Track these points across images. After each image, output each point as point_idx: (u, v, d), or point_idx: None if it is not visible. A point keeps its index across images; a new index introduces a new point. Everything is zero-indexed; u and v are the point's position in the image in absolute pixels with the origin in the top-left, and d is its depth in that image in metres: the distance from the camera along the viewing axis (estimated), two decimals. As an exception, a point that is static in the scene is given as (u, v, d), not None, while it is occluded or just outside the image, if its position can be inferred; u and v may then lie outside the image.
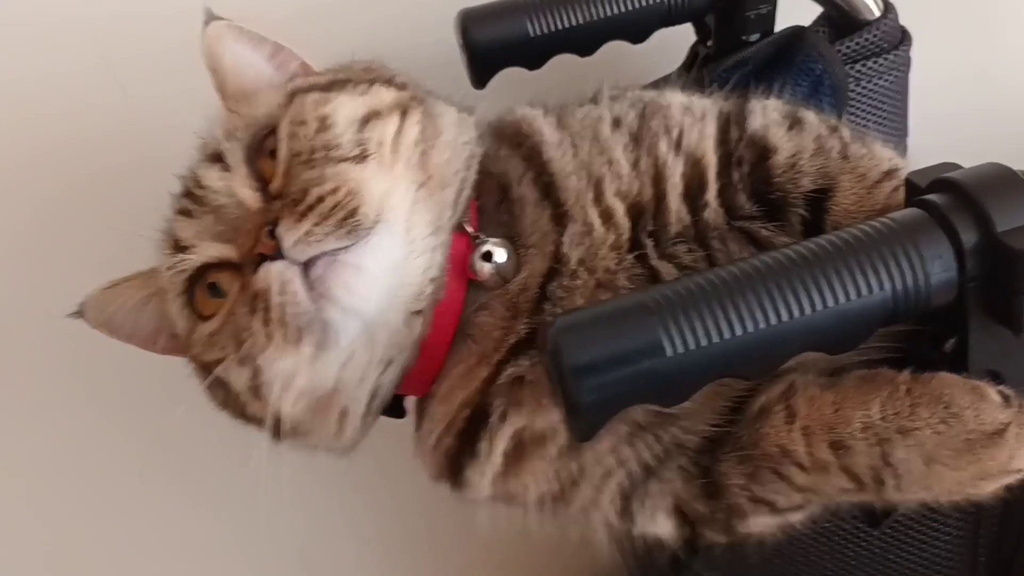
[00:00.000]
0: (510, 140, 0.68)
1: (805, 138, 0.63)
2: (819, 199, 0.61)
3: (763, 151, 0.62)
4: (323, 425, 0.63)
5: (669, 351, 0.49)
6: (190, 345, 0.64)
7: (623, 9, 0.80)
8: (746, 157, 0.62)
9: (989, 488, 0.51)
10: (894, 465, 0.51)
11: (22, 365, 1.07)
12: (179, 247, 0.63)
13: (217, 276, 0.62)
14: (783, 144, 0.62)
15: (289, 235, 0.56)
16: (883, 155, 0.63)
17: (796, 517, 0.60)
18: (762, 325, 0.49)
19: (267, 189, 0.61)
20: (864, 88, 0.88)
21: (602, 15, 0.80)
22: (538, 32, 0.80)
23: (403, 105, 0.65)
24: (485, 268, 0.62)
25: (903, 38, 0.88)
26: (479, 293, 0.63)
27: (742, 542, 0.60)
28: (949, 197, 0.50)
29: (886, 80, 0.89)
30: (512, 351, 0.61)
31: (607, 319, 0.50)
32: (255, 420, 0.64)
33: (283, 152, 0.62)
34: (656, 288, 0.51)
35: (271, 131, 0.63)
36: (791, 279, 0.49)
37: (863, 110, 0.88)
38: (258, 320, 0.57)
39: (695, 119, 0.64)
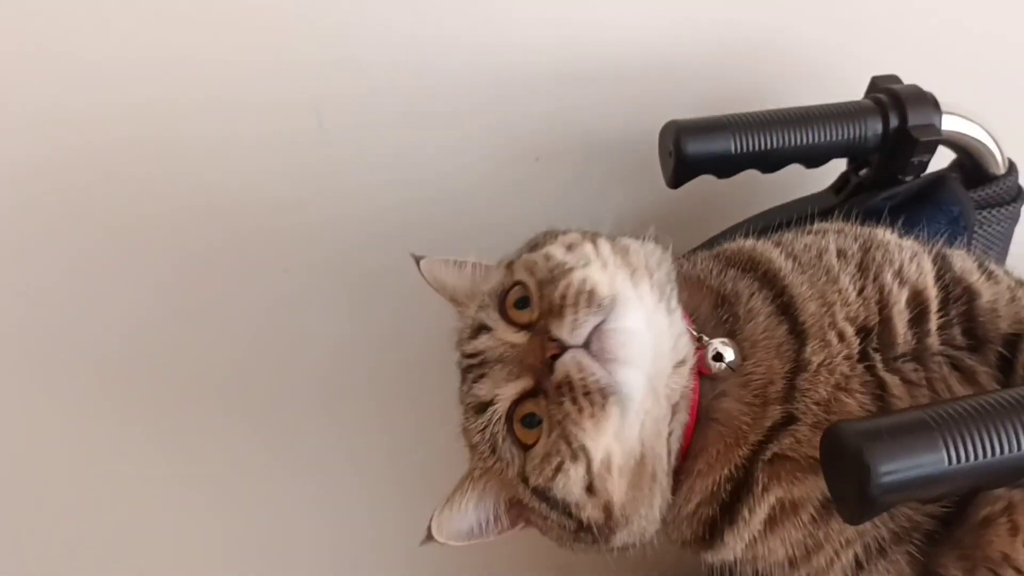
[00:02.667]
0: (741, 265, 0.80)
1: (1001, 287, 0.75)
2: (1014, 341, 0.73)
3: (969, 293, 0.74)
4: (640, 500, 0.72)
5: (947, 462, 0.59)
6: (527, 479, 0.72)
7: (814, 140, 0.92)
8: (961, 297, 0.74)
9: None
10: None
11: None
12: (482, 407, 0.74)
13: (525, 408, 0.72)
14: (984, 289, 0.75)
15: (563, 330, 0.69)
16: None
17: None
18: (1021, 448, 0.60)
19: (525, 328, 0.74)
20: (984, 232, 1.02)
21: (795, 143, 0.92)
22: (739, 150, 0.91)
23: (587, 236, 0.81)
24: (716, 366, 0.74)
25: (1019, 194, 1.03)
26: (714, 383, 0.75)
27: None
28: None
29: (999, 227, 1.03)
30: (770, 432, 0.72)
31: (900, 430, 0.60)
32: (588, 531, 0.73)
33: (532, 286, 0.75)
34: (935, 407, 0.61)
35: (507, 291, 0.77)
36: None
37: (978, 252, 1.02)
38: (568, 402, 0.68)
39: (911, 255, 0.76)
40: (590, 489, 0.70)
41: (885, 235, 0.80)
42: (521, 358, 0.72)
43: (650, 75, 1.09)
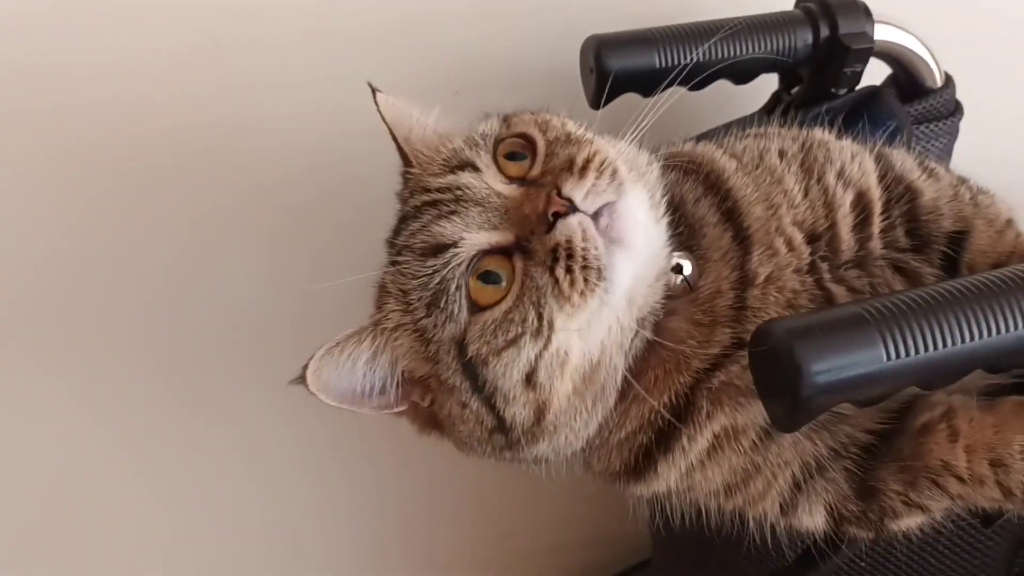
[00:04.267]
0: (682, 167, 0.74)
1: (942, 184, 0.71)
2: (957, 238, 0.69)
3: (911, 192, 0.70)
4: (579, 411, 0.66)
5: (885, 358, 0.54)
6: (464, 345, 0.64)
7: (742, 53, 0.88)
8: (903, 196, 0.69)
9: None
10: None
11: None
12: (437, 250, 0.66)
13: (489, 263, 0.65)
14: (926, 188, 0.70)
15: (578, 191, 0.64)
16: (1003, 204, 0.72)
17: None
18: (963, 341, 0.55)
19: (515, 181, 0.68)
20: (921, 148, 0.98)
21: (721, 56, 0.87)
22: (663, 64, 0.86)
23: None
24: (675, 279, 0.68)
25: (956, 109, 0.99)
26: (664, 300, 0.68)
27: (887, 538, 0.66)
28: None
29: (938, 143, 0.99)
30: (717, 359, 0.66)
31: (834, 326, 0.55)
32: (504, 433, 0.66)
33: (540, 143, 0.70)
34: (871, 300, 0.56)
35: (501, 140, 0.71)
36: (991, 303, 0.56)
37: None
38: (560, 269, 0.62)
39: (852, 155, 0.71)
40: (529, 381, 0.63)
41: (824, 134, 0.76)
42: (508, 209, 0.66)
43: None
